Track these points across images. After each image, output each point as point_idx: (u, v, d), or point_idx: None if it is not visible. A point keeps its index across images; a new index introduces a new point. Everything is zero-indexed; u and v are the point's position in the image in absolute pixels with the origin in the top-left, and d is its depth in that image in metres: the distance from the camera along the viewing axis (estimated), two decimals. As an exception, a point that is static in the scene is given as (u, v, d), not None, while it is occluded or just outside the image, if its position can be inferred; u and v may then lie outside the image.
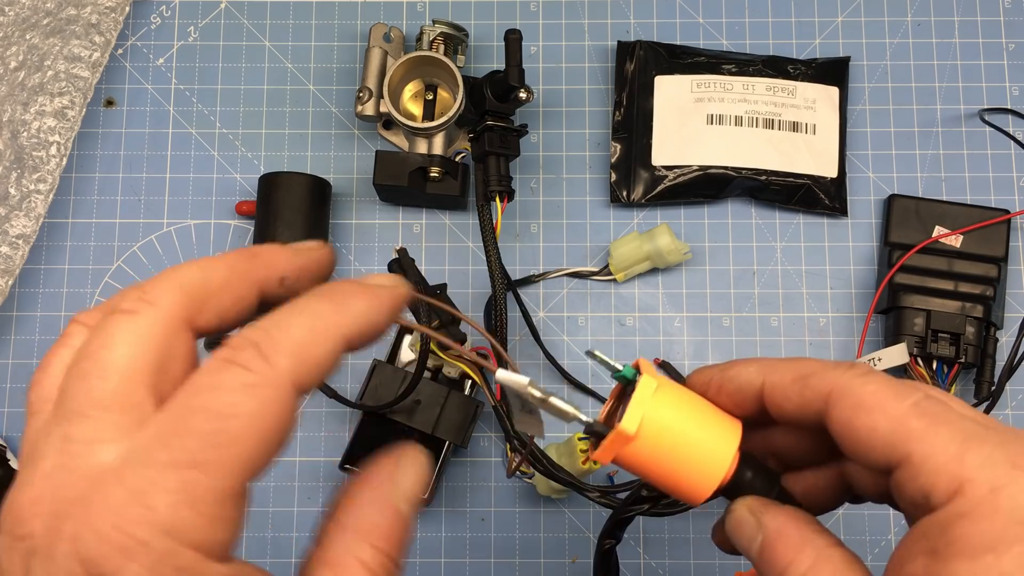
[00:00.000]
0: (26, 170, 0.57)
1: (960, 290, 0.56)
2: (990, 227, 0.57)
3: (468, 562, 0.57)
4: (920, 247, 0.57)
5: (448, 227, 0.60)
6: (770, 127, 0.60)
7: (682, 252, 0.57)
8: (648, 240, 0.57)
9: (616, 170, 0.60)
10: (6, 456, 0.56)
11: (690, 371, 0.55)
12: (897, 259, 0.57)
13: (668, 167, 0.59)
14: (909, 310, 0.56)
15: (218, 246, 0.60)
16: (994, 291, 0.56)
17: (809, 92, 0.60)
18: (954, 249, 0.57)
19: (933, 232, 0.58)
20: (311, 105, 0.62)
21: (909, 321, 0.56)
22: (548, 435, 0.55)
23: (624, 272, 0.58)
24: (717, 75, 0.60)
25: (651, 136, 0.60)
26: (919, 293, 0.56)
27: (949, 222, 0.58)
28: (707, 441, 0.28)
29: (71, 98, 0.58)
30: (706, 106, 0.60)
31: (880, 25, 0.63)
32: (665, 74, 0.60)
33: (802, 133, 0.60)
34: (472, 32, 0.62)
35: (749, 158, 0.59)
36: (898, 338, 0.56)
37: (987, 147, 0.61)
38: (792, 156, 0.59)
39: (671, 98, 0.60)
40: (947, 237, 0.57)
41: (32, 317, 0.59)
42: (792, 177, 0.59)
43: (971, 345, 0.55)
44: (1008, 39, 0.62)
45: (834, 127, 0.60)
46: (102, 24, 0.60)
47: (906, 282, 0.57)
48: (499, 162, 0.54)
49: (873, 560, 0.56)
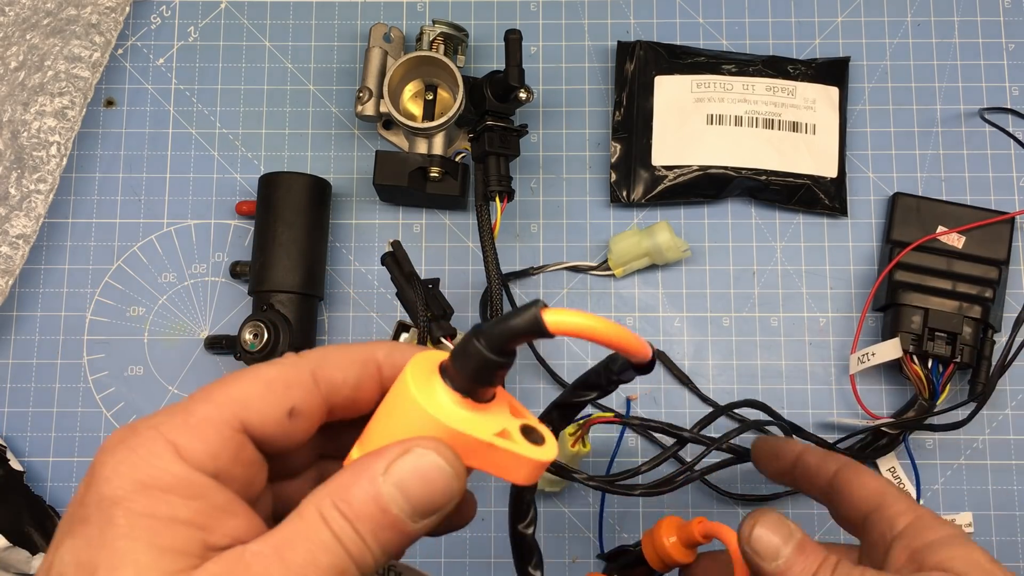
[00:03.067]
0: (26, 170, 0.57)
1: (959, 290, 0.56)
2: (993, 230, 0.57)
3: (468, 562, 0.57)
4: (920, 243, 0.57)
5: (448, 227, 0.60)
6: (770, 127, 0.60)
7: (681, 249, 0.57)
8: (648, 236, 0.57)
9: (616, 170, 0.60)
10: (6, 456, 0.56)
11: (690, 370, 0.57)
12: (897, 255, 0.57)
13: (668, 167, 0.59)
14: (907, 307, 0.56)
15: (218, 246, 0.60)
16: (993, 293, 0.56)
17: (809, 92, 0.60)
18: (956, 250, 0.57)
19: (936, 230, 0.58)
20: (311, 105, 0.62)
21: (907, 318, 0.56)
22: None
23: (623, 268, 0.58)
24: (717, 75, 0.60)
25: (651, 136, 0.60)
26: (918, 291, 0.56)
27: (952, 222, 0.58)
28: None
29: (71, 98, 0.58)
30: (706, 106, 0.60)
31: (880, 25, 0.63)
32: (665, 74, 0.60)
33: (802, 133, 0.60)
34: (472, 32, 0.62)
35: (749, 158, 0.59)
36: (895, 334, 0.56)
37: (987, 147, 0.61)
38: (792, 156, 0.59)
39: (671, 98, 0.60)
40: (949, 237, 0.57)
41: (32, 317, 0.59)
42: (792, 177, 0.59)
43: (967, 346, 0.55)
44: (1008, 39, 0.62)
45: (834, 127, 0.60)
46: (102, 24, 0.60)
47: (906, 279, 0.57)
48: (499, 162, 0.54)
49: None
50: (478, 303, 0.58)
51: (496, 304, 0.51)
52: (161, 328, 0.59)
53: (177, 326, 0.59)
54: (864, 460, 0.55)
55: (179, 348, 0.59)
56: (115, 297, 0.60)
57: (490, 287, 0.51)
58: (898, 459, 0.56)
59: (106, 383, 0.59)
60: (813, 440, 0.52)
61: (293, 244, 0.56)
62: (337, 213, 0.60)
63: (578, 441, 0.49)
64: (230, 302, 0.60)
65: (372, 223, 0.61)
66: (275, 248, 0.56)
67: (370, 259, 0.60)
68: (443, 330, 0.50)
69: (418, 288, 0.49)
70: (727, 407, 0.52)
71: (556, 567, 0.56)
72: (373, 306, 0.60)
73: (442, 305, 0.50)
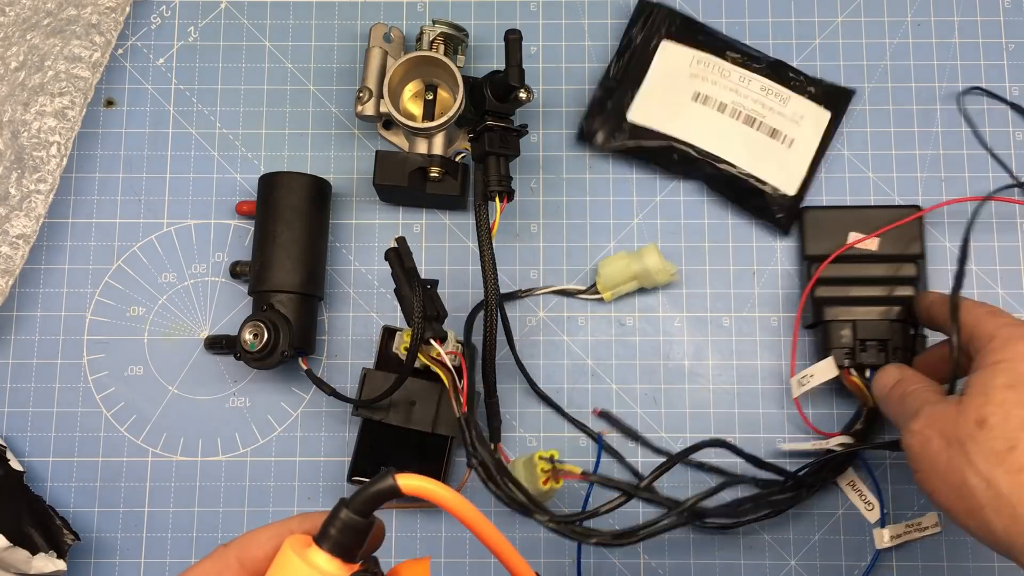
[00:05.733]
0: (26, 170, 0.57)
1: (882, 294, 0.55)
2: (904, 226, 0.57)
3: (468, 562, 0.57)
4: (834, 257, 0.56)
5: (448, 227, 0.61)
6: (750, 125, 0.59)
7: (669, 272, 0.57)
8: (636, 260, 0.57)
9: (592, 112, 0.60)
10: (6, 456, 0.56)
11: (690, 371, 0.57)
12: (815, 272, 0.56)
13: (640, 127, 0.59)
14: (834, 323, 0.55)
15: (218, 246, 0.60)
16: (915, 290, 0.56)
17: (801, 107, 0.60)
18: (872, 253, 0.56)
19: (848, 239, 0.57)
20: (311, 105, 0.62)
21: (836, 334, 0.55)
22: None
23: (611, 291, 0.58)
24: (719, 59, 0.60)
25: (636, 93, 0.60)
26: (842, 304, 0.56)
27: (863, 226, 0.57)
28: None
29: (71, 98, 0.58)
30: (698, 84, 0.60)
31: (880, 25, 0.63)
32: (673, 41, 0.60)
33: (778, 142, 0.59)
34: (472, 32, 0.62)
35: (718, 146, 0.59)
36: (827, 352, 0.55)
37: (988, 147, 0.61)
38: (760, 160, 0.59)
39: (669, 65, 0.60)
40: (863, 242, 0.56)
41: (32, 317, 0.59)
42: (753, 180, 0.59)
43: (899, 348, 0.54)
44: (1008, 39, 0.62)
45: (811, 149, 0.59)
46: (102, 24, 0.60)
47: (828, 295, 0.56)
48: (499, 162, 0.53)
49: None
50: (481, 307, 0.58)
51: (492, 309, 0.51)
52: (161, 328, 0.59)
53: (177, 326, 0.59)
54: (824, 480, 0.55)
55: (179, 348, 0.59)
56: (115, 297, 0.60)
57: (486, 287, 0.51)
58: (856, 472, 0.56)
59: (106, 383, 0.59)
60: (772, 470, 0.55)
61: (293, 244, 0.56)
62: (337, 213, 0.60)
63: (550, 479, 0.49)
64: (230, 302, 0.60)
65: (372, 223, 0.61)
66: (275, 248, 0.56)
67: (370, 259, 0.60)
68: (434, 332, 0.49)
69: (417, 286, 0.49)
70: (683, 454, 0.51)
71: (556, 567, 0.56)
72: (373, 306, 0.60)
73: (437, 307, 0.50)
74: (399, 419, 0.54)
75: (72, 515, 0.57)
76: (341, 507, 0.30)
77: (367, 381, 0.55)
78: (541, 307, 0.59)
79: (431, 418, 0.54)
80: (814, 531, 0.57)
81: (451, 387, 0.51)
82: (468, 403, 0.50)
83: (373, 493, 0.30)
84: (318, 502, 0.57)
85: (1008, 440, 0.39)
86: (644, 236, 0.60)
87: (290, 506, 0.57)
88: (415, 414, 0.54)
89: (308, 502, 0.57)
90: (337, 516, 0.30)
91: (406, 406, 0.54)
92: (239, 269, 0.58)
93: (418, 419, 0.54)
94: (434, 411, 0.54)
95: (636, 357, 0.59)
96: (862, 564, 0.56)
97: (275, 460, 0.58)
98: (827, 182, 0.60)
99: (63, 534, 0.55)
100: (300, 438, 0.58)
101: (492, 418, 0.56)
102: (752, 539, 0.56)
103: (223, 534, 0.57)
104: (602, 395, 0.58)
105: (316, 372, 0.58)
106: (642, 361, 0.59)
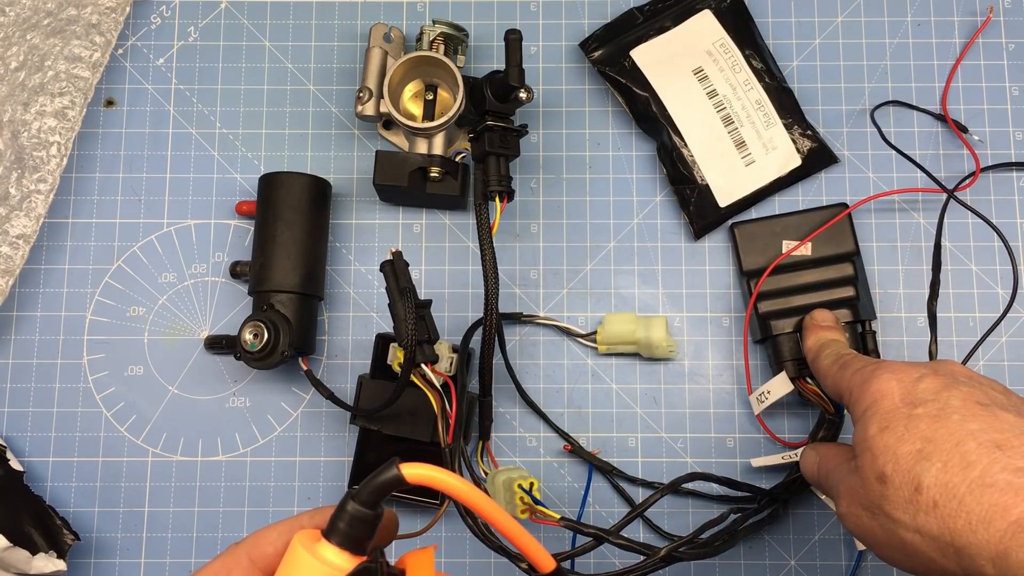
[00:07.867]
0: (26, 170, 0.57)
1: (824, 299, 0.55)
2: (835, 226, 0.57)
3: (468, 562, 0.57)
4: (770, 270, 0.56)
5: (448, 227, 0.61)
6: (726, 124, 0.59)
7: (669, 349, 0.57)
8: (643, 327, 0.57)
9: (608, 28, 0.61)
10: (6, 456, 0.56)
11: (690, 371, 0.57)
12: (754, 288, 0.56)
13: (637, 67, 0.60)
14: (782, 336, 0.55)
15: (218, 246, 0.60)
16: (855, 288, 0.56)
17: (780, 140, 0.59)
18: (807, 258, 0.56)
19: (782, 249, 0.57)
20: (311, 105, 0.62)
21: (784, 347, 0.55)
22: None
23: (608, 347, 0.58)
24: (740, 54, 0.60)
25: (653, 37, 0.60)
26: (785, 316, 0.56)
27: (794, 233, 0.57)
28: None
29: (71, 98, 0.58)
30: (706, 62, 0.60)
31: (880, 25, 0.63)
32: (714, 13, 0.60)
33: (739, 155, 0.59)
34: (472, 32, 0.62)
35: (685, 123, 0.59)
36: (780, 366, 0.55)
37: (987, 147, 0.61)
38: (711, 159, 0.59)
39: (696, 32, 0.60)
40: (797, 249, 0.56)
41: (32, 317, 0.59)
42: (695, 171, 0.59)
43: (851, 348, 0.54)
44: (1008, 39, 0.62)
45: (764, 180, 0.59)
46: (102, 24, 0.60)
47: (771, 308, 0.56)
48: (499, 162, 0.53)
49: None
50: (481, 308, 0.58)
51: (492, 308, 0.51)
52: (161, 328, 0.59)
53: (177, 326, 0.59)
54: (798, 492, 0.55)
55: (179, 348, 0.59)
56: (115, 297, 0.60)
57: (487, 287, 0.51)
58: None
59: (106, 383, 0.59)
60: (746, 490, 0.54)
61: (293, 244, 0.56)
62: (337, 213, 0.60)
63: (527, 509, 0.48)
64: (230, 302, 0.60)
65: (372, 223, 0.61)
66: (275, 248, 0.56)
67: (370, 259, 0.60)
68: (425, 356, 0.49)
69: (410, 306, 0.48)
70: (647, 502, 0.49)
71: (556, 567, 0.56)
72: (373, 306, 0.60)
73: (428, 329, 0.50)
74: (397, 429, 0.54)
75: (72, 515, 0.57)
76: (348, 500, 0.31)
77: (363, 389, 0.54)
78: (541, 306, 0.59)
79: (430, 428, 0.53)
80: (814, 531, 0.57)
81: (439, 412, 0.50)
82: (455, 433, 0.50)
83: (379, 484, 0.30)
84: (318, 502, 0.57)
85: (910, 482, 0.38)
86: (644, 236, 0.60)
87: (290, 506, 0.57)
88: (414, 425, 0.53)
89: (308, 502, 0.57)
90: (344, 509, 0.30)
91: (404, 416, 0.53)
92: (239, 269, 0.58)
93: (417, 430, 0.53)
94: (432, 422, 0.53)
95: (636, 356, 0.59)
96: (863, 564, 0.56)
97: (275, 460, 0.58)
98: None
99: (63, 534, 0.55)
100: (300, 438, 0.58)
101: (484, 417, 0.56)
102: (752, 539, 0.56)
103: (223, 534, 0.57)
104: (602, 395, 0.58)
105: (316, 372, 0.58)
106: (642, 361, 0.59)
